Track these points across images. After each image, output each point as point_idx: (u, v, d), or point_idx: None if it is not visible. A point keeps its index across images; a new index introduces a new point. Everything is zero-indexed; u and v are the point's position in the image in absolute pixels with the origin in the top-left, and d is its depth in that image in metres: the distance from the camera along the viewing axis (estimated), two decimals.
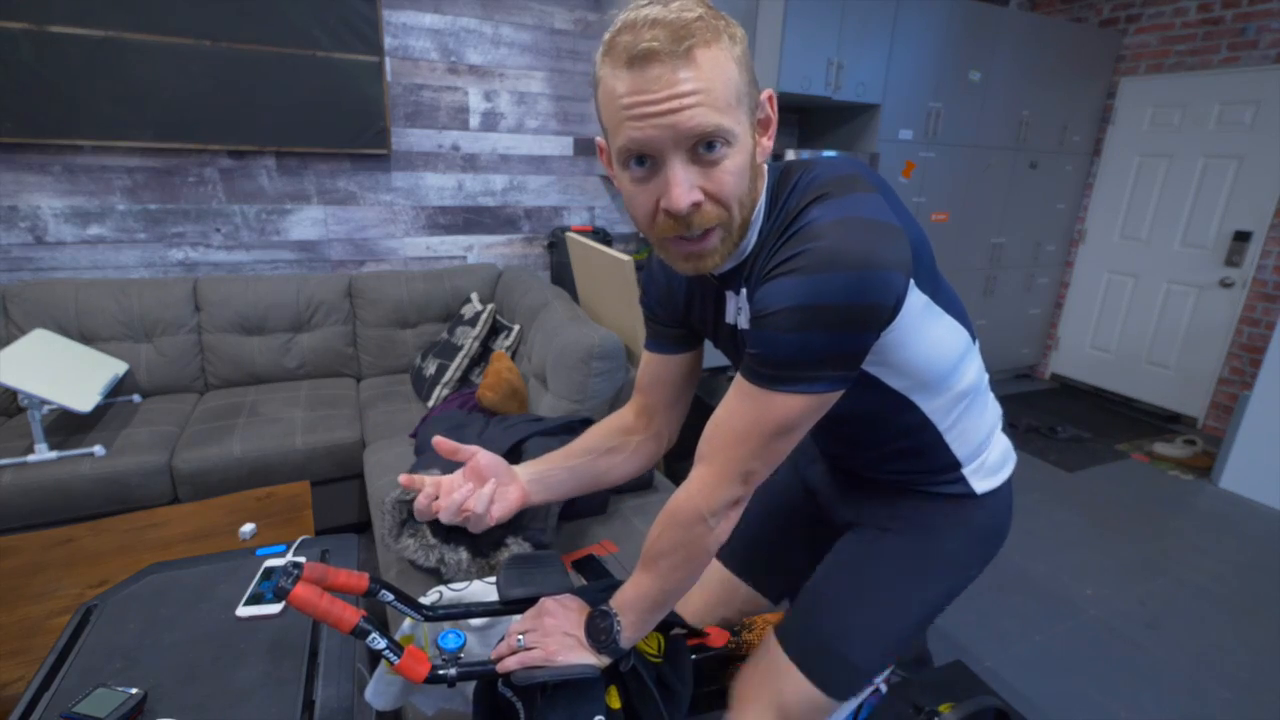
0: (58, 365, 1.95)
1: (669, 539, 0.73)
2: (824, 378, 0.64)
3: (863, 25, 2.91)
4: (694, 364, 0.92)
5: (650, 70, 0.56)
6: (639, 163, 0.62)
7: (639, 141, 0.59)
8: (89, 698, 0.75)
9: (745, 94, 0.62)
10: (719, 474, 0.70)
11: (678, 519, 0.72)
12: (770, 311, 0.63)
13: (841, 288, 0.59)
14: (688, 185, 0.60)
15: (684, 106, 0.57)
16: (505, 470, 0.85)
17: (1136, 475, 3.01)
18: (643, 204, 0.64)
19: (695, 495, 0.71)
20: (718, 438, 0.70)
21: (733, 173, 0.61)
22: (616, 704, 0.78)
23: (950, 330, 0.75)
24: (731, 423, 0.69)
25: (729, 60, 0.59)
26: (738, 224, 0.65)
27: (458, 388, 2.33)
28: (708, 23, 0.58)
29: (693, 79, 0.57)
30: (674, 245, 0.66)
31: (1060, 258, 4.11)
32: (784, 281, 0.62)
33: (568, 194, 3.14)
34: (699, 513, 0.70)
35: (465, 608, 0.85)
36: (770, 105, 0.67)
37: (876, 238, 0.60)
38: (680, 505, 0.72)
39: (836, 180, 0.65)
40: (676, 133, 0.58)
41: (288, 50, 2.39)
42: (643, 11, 0.57)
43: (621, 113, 0.59)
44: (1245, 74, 3.25)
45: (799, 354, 0.62)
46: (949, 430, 0.81)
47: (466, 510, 0.78)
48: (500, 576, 0.83)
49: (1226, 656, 1.87)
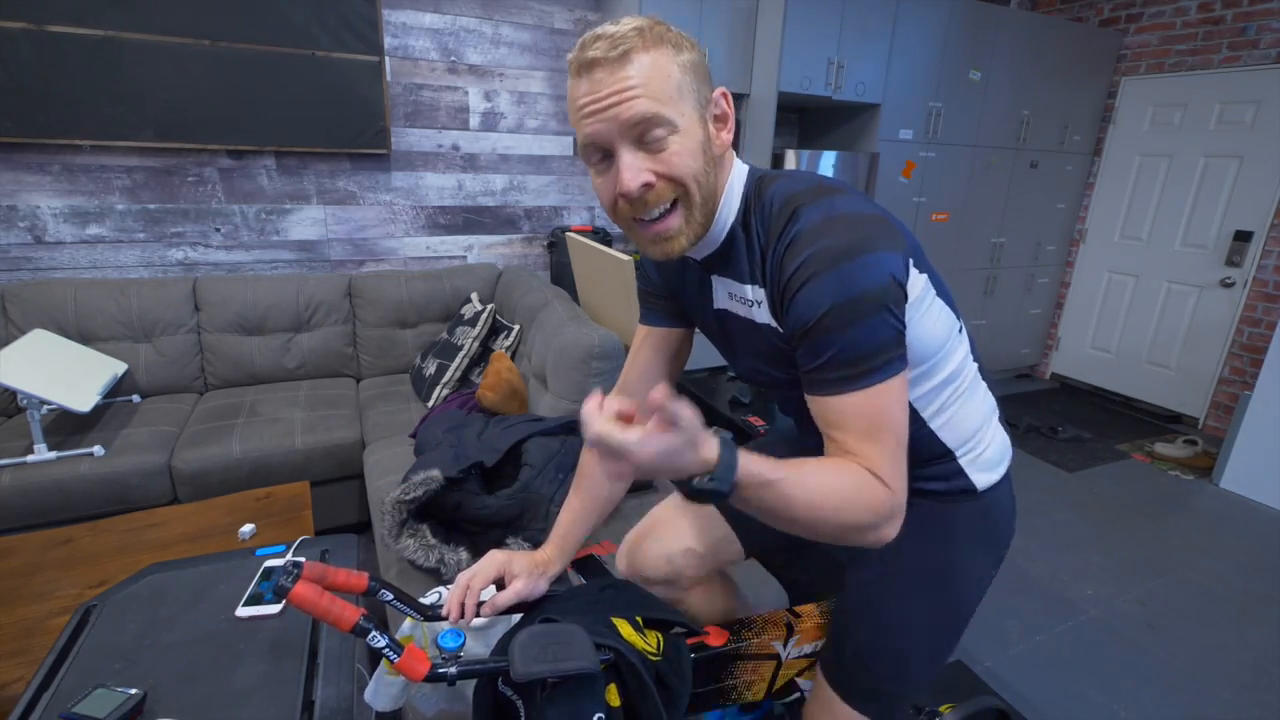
0: (57, 365, 1.95)
1: (845, 505, 0.65)
2: (896, 357, 0.66)
3: (863, 25, 2.91)
4: (683, 344, 0.97)
5: (595, 74, 0.65)
6: (601, 157, 0.69)
7: (591, 136, 0.67)
8: (88, 698, 0.75)
9: (690, 91, 0.67)
10: (893, 472, 0.66)
11: (871, 509, 0.65)
12: (815, 321, 0.65)
13: (860, 275, 0.63)
14: (635, 169, 0.66)
15: (624, 99, 0.64)
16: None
17: (1137, 475, 3.01)
18: (605, 193, 0.70)
19: (874, 495, 0.65)
20: (868, 439, 0.66)
21: (680, 153, 0.67)
22: (616, 702, 0.78)
23: (941, 311, 0.75)
24: (868, 429, 0.66)
25: (669, 62, 0.66)
26: (698, 202, 0.70)
27: (458, 388, 2.33)
28: (647, 34, 0.65)
29: (632, 76, 0.64)
30: (639, 229, 0.72)
31: (1060, 257, 4.11)
32: (808, 290, 0.65)
33: (567, 194, 3.14)
34: (893, 505, 0.66)
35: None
36: (725, 101, 0.72)
37: (866, 227, 0.66)
38: (857, 501, 0.65)
39: (811, 189, 0.70)
40: (620, 122, 0.65)
41: (287, 50, 2.39)
42: (594, 31, 0.66)
43: (578, 114, 0.67)
44: (1246, 74, 3.25)
45: (865, 342, 0.65)
46: (934, 418, 0.81)
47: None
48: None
49: (1226, 656, 1.87)
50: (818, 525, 0.64)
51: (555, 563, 0.95)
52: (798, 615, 1.03)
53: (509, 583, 0.89)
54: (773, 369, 0.80)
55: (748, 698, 1.01)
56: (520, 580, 0.89)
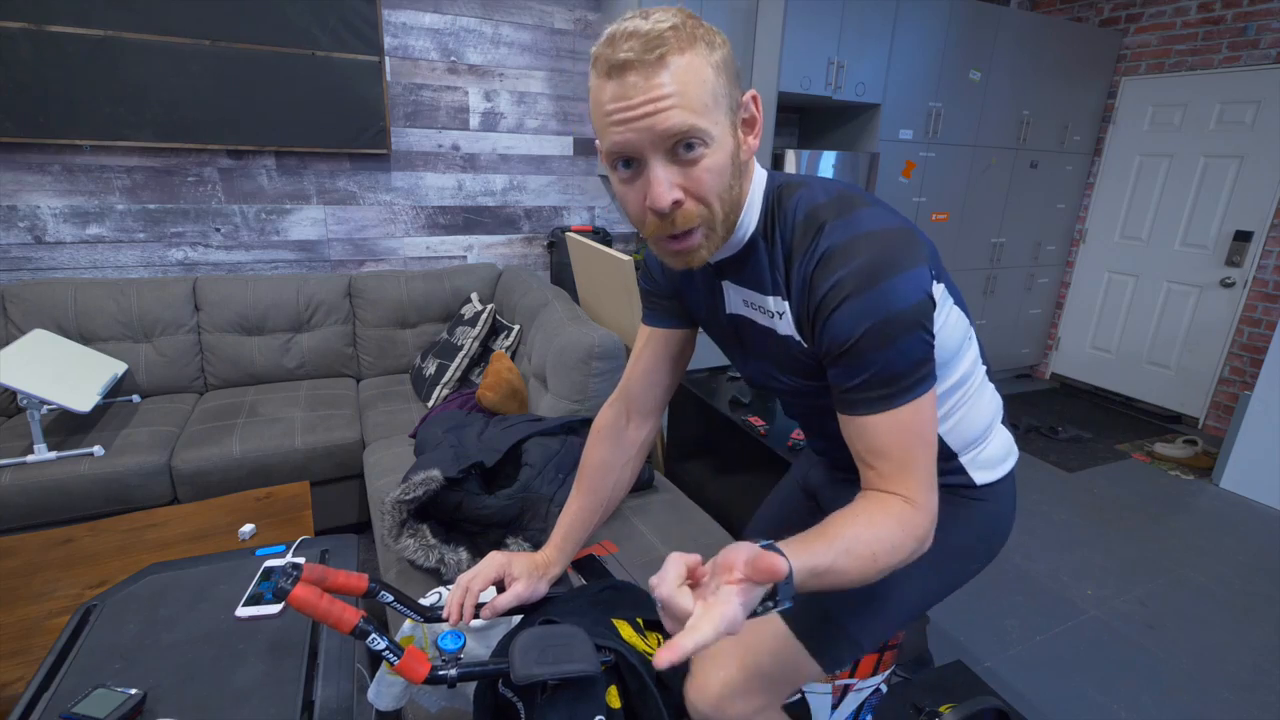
0: (57, 365, 1.95)
1: (894, 549, 0.65)
2: (929, 373, 0.67)
3: (863, 25, 2.91)
4: (686, 345, 0.96)
5: (627, 78, 0.61)
6: (626, 165, 0.66)
7: (620, 145, 0.63)
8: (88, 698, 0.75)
9: (724, 95, 0.64)
10: (928, 494, 0.68)
11: (914, 538, 0.67)
12: (851, 343, 0.65)
13: (894, 296, 0.63)
14: (668, 184, 0.63)
15: (659, 110, 0.60)
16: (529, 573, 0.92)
17: (1137, 475, 3.01)
18: (633, 203, 0.68)
19: (914, 525, 0.67)
20: (905, 468, 0.67)
21: (711, 170, 0.64)
22: (616, 704, 0.78)
23: (958, 318, 0.76)
24: (903, 450, 0.67)
25: (705, 65, 0.62)
26: (720, 219, 0.68)
27: (458, 388, 2.33)
28: (682, 31, 0.61)
29: (667, 84, 0.60)
30: (664, 243, 0.70)
31: (1061, 257, 4.11)
32: (843, 312, 0.65)
33: (568, 194, 3.14)
34: (930, 523, 0.68)
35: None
36: (755, 105, 0.69)
37: (895, 241, 0.65)
38: (903, 540, 0.66)
39: (833, 201, 0.69)
40: (654, 135, 0.61)
41: (287, 50, 2.39)
42: (624, 25, 0.62)
43: (605, 119, 0.63)
44: (1246, 73, 3.25)
45: (900, 361, 0.65)
46: (942, 421, 0.81)
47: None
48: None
49: (1226, 656, 1.87)
50: (873, 577, 0.64)
51: (556, 564, 0.95)
52: None
53: (509, 584, 0.89)
54: (785, 376, 0.80)
55: None
56: (520, 582, 0.89)
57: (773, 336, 0.77)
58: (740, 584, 0.51)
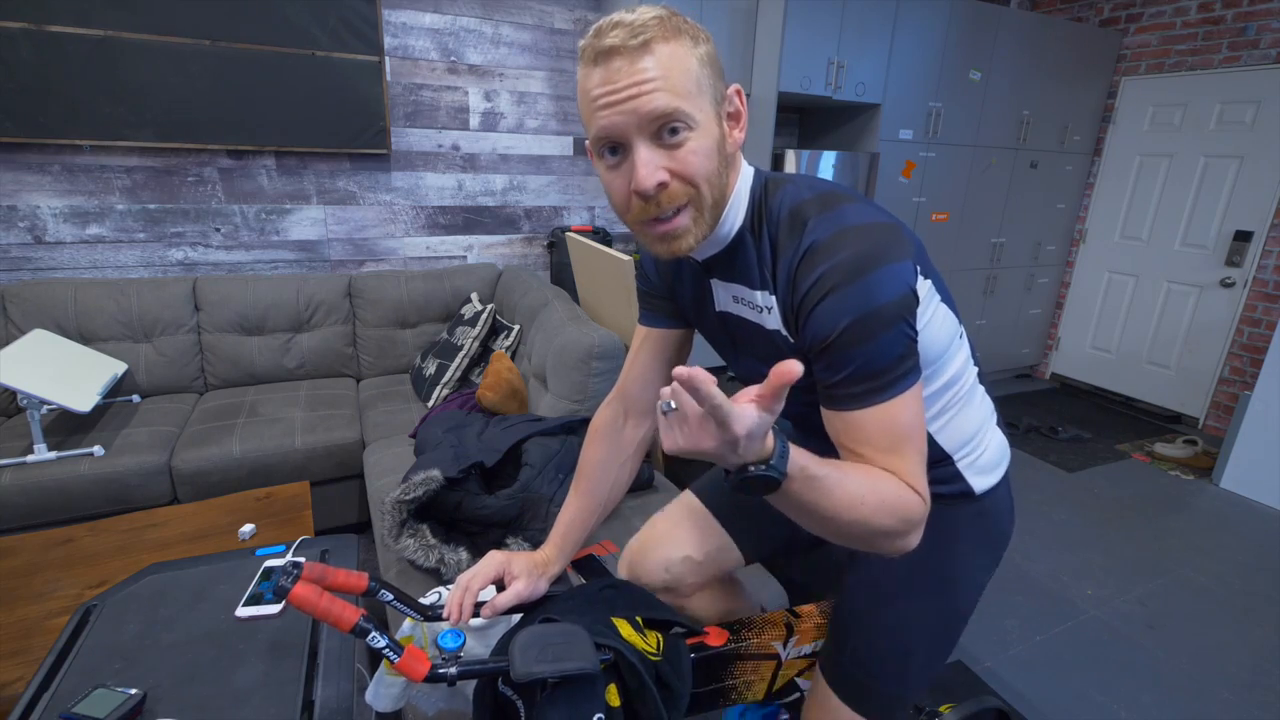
0: (57, 365, 1.95)
1: (882, 508, 0.64)
2: (912, 367, 0.67)
3: (863, 25, 2.91)
4: (684, 345, 0.97)
5: (613, 63, 0.62)
6: (612, 152, 0.66)
7: (607, 129, 0.64)
8: (88, 698, 0.75)
9: (708, 86, 0.66)
10: (920, 483, 0.67)
11: (904, 516, 0.65)
12: (834, 336, 0.65)
13: (877, 289, 0.63)
14: (653, 166, 0.64)
15: (643, 92, 0.62)
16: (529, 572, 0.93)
17: (1137, 475, 3.01)
18: (618, 189, 0.68)
19: (907, 501, 0.65)
20: (891, 454, 0.66)
21: (696, 153, 0.65)
22: (616, 702, 0.78)
23: (945, 316, 0.75)
24: (891, 441, 0.66)
25: (688, 55, 0.64)
26: (709, 203, 0.68)
27: (458, 388, 2.33)
28: (667, 24, 0.63)
29: (651, 68, 0.62)
30: (648, 228, 0.69)
31: (1061, 257, 4.11)
32: (826, 305, 0.65)
33: (568, 194, 3.14)
34: (922, 514, 0.67)
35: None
36: (739, 99, 0.70)
37: (879, 237, 0.65)
38: (895, 503, 0.65)
39: (819, 197, 0.70)
40: (639, 116, 0.62)
41: (287, 50, 2.39)
42: (609, 17, 0.64)
43: (592, 105, 0.64)
44: (1246, 74, 3.25)
45: (882, 357, 0.65)
46: (933, 421, 0.81)
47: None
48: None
49: (1226, 656, 1.87)
50: (852, 527, 0.63)
51: (555, 563, 0.95)
52: (797, 615, 1.03)
53: (509, 583, 0.89)
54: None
55: (748, 698, 1.01)
56: (520, 581, 0.89)
57: (761, 332, 0.77)
58: (755, 398, 0.52)
